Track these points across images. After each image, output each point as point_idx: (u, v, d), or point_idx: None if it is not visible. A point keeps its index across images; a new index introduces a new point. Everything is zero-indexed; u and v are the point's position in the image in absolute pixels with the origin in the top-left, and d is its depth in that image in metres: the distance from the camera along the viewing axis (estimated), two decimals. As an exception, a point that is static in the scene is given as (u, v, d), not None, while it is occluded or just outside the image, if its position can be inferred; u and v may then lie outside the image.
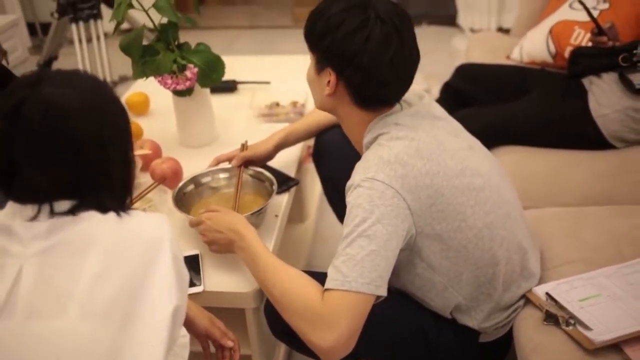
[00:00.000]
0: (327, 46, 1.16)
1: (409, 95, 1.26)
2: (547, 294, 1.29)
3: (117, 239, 0.85)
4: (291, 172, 1.66)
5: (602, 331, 1.17)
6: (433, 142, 1.19)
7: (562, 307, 1.25)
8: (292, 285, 1.14)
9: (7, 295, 0.81)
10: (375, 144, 1.20)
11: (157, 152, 1.69)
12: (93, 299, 0.81)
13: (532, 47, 2.38)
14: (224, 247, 1.30)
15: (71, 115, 0.82)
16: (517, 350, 1.28)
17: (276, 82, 2.16)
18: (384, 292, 1.10)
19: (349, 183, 1.17)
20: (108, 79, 3.31)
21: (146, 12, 1.60)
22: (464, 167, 1.20)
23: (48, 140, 0.82)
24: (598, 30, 1.90)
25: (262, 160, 1.61)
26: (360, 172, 1.16)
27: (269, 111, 1.94)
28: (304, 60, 1.28)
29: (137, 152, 1.65)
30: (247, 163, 1.57)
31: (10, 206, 0.86)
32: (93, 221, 0.86)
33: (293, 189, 1.63)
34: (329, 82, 1.20)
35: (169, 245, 0.88)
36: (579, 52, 1.98)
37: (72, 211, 0.85)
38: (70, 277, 0.82)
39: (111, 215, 0.87)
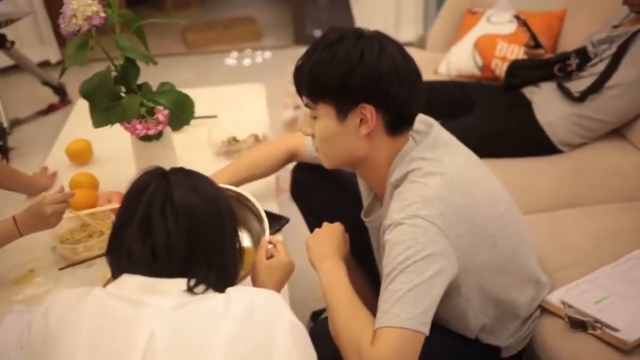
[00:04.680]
0: (359, 79, 1.12)
1: (417, 124, 1.25)
2: (562, 301, 1.34)
3: (241, 313, 0.87)
4: (274, 209, 1.60)
5: (629, 330, 1.23)
6: (461, 173, 1.19)
7: (581, 312, 1.30)
8: (352, 321, 1.11)
9: (146, 344, 0.82)
10: (407, 182, 1.17)
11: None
12: (230, 355, 0.83)
13: (459, 61, 2.49)
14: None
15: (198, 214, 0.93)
16: (547, 360, 1.32)
17: (222, 115, 2.07)
18: (427, 331, 1.07)
19: (386, 222, 1.14)
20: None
21: (107, 54, 1.47)
22: (490, 195, 1.22)
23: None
24: (535, 43, 2.02)
25: None
26: (399, 210, 1.13)
27: (228, 147, 1.85)
28: (240, 90, 1.22)
29: (107, 206, 1.51)
30: None
31: (134, 281, 0.89)
32: (217, 299, 0.89)
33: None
34: (361, 120, 1.16)
35: (287, 313, 0.91)
36: (516, 64, 2.10)
37: (193, 289, 0.89)
38: (204, 337, 0.84)
39: (228, 291, 0.91)
